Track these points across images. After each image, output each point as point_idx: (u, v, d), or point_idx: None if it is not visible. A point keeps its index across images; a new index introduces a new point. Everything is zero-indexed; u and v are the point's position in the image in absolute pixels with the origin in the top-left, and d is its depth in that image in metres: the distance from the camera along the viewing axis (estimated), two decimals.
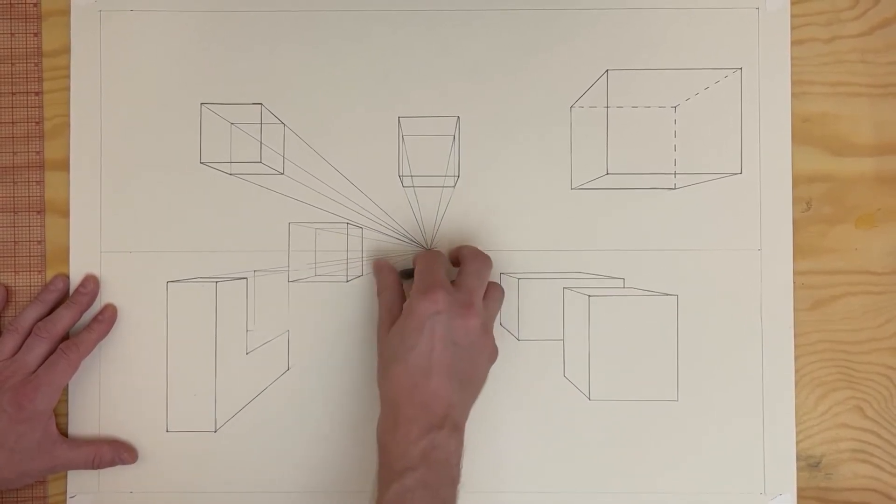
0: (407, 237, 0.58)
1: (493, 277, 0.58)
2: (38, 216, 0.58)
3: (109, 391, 0.57)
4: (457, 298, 0.51)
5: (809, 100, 0.58)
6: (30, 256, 0.58)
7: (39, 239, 0.58)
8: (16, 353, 0.55)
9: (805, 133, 0.58)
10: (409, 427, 0.49)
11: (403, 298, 0.54)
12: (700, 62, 0.58)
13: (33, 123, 0.58)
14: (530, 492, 0.57)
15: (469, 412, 0.52)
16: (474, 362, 0.52)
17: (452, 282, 0.53)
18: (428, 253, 0.55)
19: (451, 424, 0.50)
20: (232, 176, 0.58)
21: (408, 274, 0.56)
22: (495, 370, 0.57)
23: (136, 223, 0.58)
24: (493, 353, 0.53)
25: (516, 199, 0.58)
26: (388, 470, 0.49)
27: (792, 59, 0.58)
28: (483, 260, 0.54)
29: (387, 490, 0.48)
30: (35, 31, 0.58)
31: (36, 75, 0.58)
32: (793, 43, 0.58)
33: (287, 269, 0.58)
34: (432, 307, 0.50)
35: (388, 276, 0.56)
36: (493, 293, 0.55)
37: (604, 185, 0.58)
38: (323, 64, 0.58)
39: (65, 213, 0.58)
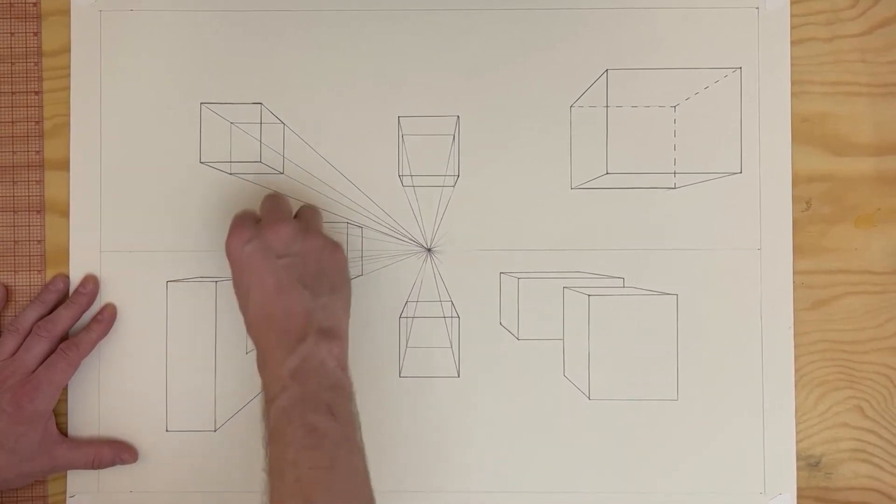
0: (407, 237, 0.58)
1: (493, 276, 0.58)
2: (38, 216, 0.58)
3: (109, 391, 0.57)
4: (262, 223, 0.51)
5: (809, 99, 0.58)
6: (30, 256, 0.58)
7: (39, 239, 0.58)
8: (16, 352, 0.55)
9: (805, 133, 0.58)
10: (274, 354, 0.48)
11: None
12: (700, 62, 0.58)
13: (33, 123, 0.58)
14: (530, 492, 0.57)
15: (343, 313, 0.52)
16: (316, 262, 0.51)
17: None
18: (242, 210, 0.54)
19: (316, 331, 0.49)
20: (232, 176, 0.58)
21: None
22: (495, 370, 0.57)
23: (136, 223, 0.58)
24: (334, 248, 0.52)
25: (516, 199, 0.58)
26: (266, 401, 0.48)
27: (791, 58, 0.58)
28: (271, 196, 0.54)
29: (267, 420, 0.47)
30: (35, 31, 0.58)
31: (36, 75, 0.58)
32: (792, 42, 0.58)
33: None
34: (240, 240, 0.50)
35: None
36: (308, 209, 0.55)
37: (604, 185, 0.58)
38: (323, 64, 0.58)
39: (65, 212, 0.58)
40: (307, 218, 0.54)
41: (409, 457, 0.57)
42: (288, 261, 0.50)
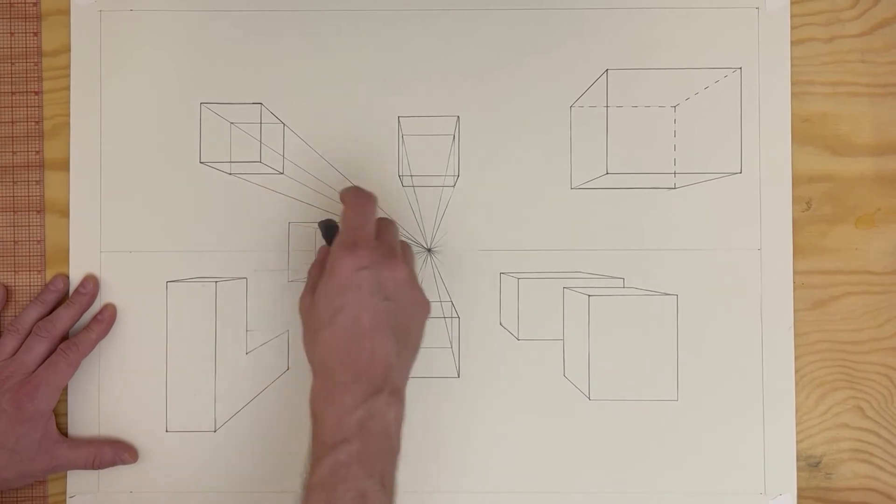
0: (407, 237, 0.58)
1: (493, 276, 0.58)
2: (38, 216, 0.58)
3: (109, 391, 0.57)
4: (380, 251, 0.48)
5: (809, 99, 0.58)
6: (30, 256, 0.58)
7: (39, 239, 0.58)
8: (16, 352, 0.55)
9: (805, 133, 0.58)
10: (344, 395, 0.45)
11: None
12: (700, 62, 0.58)
13: (33, 123, 0.58)
14: (530, 491, 0.57)
15: (409, 375, 0.49)
16: (409, 316, 0.49)
17: None
18: (354, 203, 0.50)
19: (391, 388, 0.47)
20: (232, 176, 0.58)
21: (328, 230, 0.53)
22: (495, 370, 0.57)
23: (136, 223, 0.58)
24: (425, 306, 0.50)
25: (516, 199, 0.58)
26: (321, 444, 0.45)
27: (792, 58, 0.58)
28: (391, 221, 0.52)
29: (318, 465, 0.45)
30: (35, 31, 0.58)
31: (36, 75, 0.58)
32: (793, 43, 0.58)
33: (287, 268, 0.58)
34: (356, 263, 0.46)
35: (322, 253, 0.53)
36: (406, 249, 0.53)
37: (604, 185, 0.58)
38: (323, 64, 0.58)
39: (65, 212, 0.58)
40: (410, 262, 0.51)
41: (409, 457, 0.57)
42: (392, 306, 0.47)
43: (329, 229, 0.53)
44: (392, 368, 0.47)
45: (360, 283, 0.46)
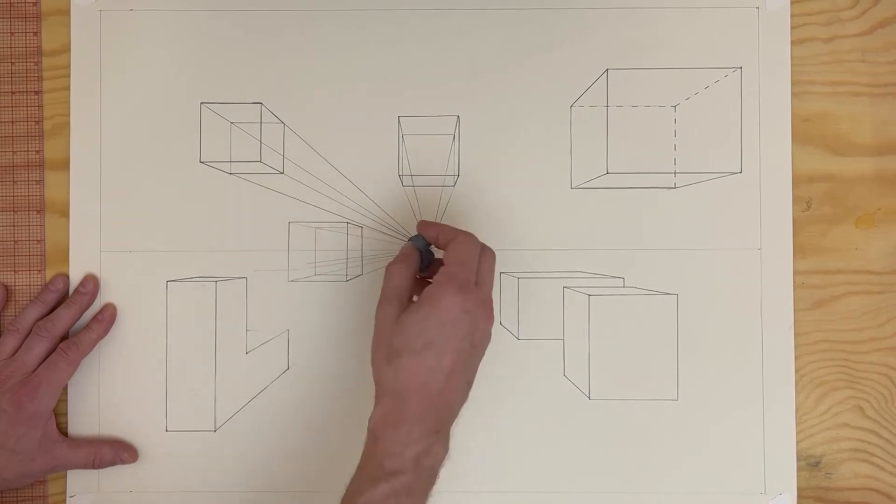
0: (407, 237, 0.58)
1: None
2: (38, 216, 0.58)
3: (109, 391, 0.57)
4: (482, 298, 0.48)
5: (809, 99, 0.58)
6: (30, 256, 0.58)
7: (39, 238, 0.58)
8: (16, 352, 0.55)
9: (805, 133, 0.58)
10: (412, 427, 0.47)
11: (413, 282, 0.51)
12: (700, 61, 0.58)
13: (33, 123, 0.58)
14: (530, 491, 0.57)
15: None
16: (477, 366, 0.50)
17: None
18: (466, 239, 0.50)
19: (446, 431, 0.48)
20: (232, 175, 0.58)
21: (423, 247, 0.53)
22: (495, 370, 0.57)
23: (136, 223, 0.58)
24: (483, 352, 0.51)
25: (516, 199, 0.58)
26: (379, 466, 0.46)
27: (792, 58, 0.58)
28: (492, 256, 0.51)
29: (374, 487, 0.46)
30: (35, 31, 0.58)
31: (36, 75, 0.58)
32: (793, 42, 0.58)
33: (287, 268, 0.58)
34: (464, 305, 0.47)
35: (411, 253, 0.52)
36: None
37: (604, 185, 0.58)
38: (323, 64, 0.58)
39: (65, 212, 0.58)
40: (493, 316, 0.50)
41: None
42: (474, 354, 0.49)
43: (426, 246, 0.53)
44: (454, 411, 0.49)
45: (459, 325, 0.47)
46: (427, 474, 0.47)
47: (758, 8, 0.58)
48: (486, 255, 0.51)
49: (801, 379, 0.58)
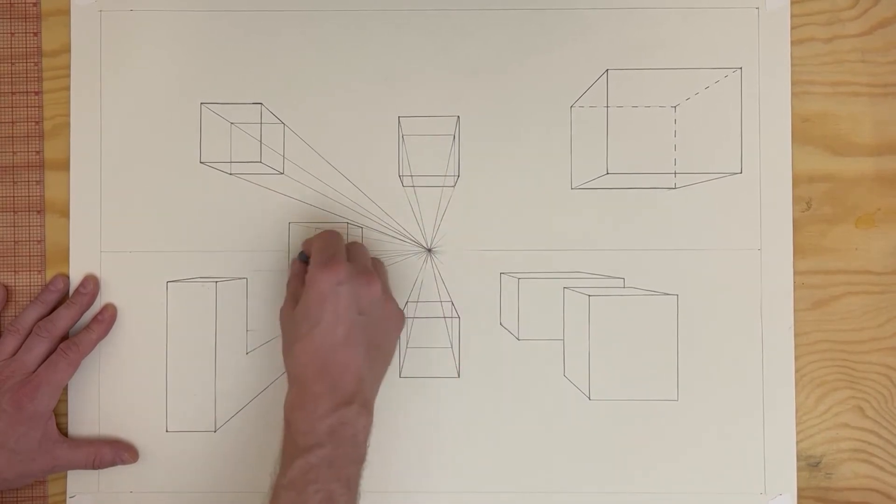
0: (407, 237, 0.58)
1: (493, 276, 0.58)
2: (38, 216, 0.58)
3: (109, 391, 0.57)
4: (356, 268, 0.50)
5: (809, 99, 0.58)
6: (30, 256, 0.58)
7: (39, 239, 0.58)
8: (16, 353, 0.55)
9: (805, 133, 0.58)
10: (317, 403, 0.48)
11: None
12: (700, 62, 0.58)
13: (33, 123, 0.58)
14: (530, 491, 0.57)
15: (379, 388, 0.52)
16: (383, 330, 0.52)
17: None
18: (324, 232, 0.53)
19: (361, 400, 0.49)
20: (232, 176, 0.58)
21: (307, 259, 0.55)
22: (495, 370, 0.57)
23: (136, 223, 0.58)
24: (400, 319, 0.53)
25: (516, 199, 0.58)
26: (293, 446, 0.48)
27: (792, 58, 0.58)
28: (360, 244, 0.55)
29: (290, 466, 0.47)
30: (35, 31, 0.58)
31: (36, 75, 0.58)
32: (793, 43, 0.58)
33: (287, 268, 0.58)
34: (334, 278, 0.49)
35: (296, 266, 0.55)
36: (379, 266, 0.55)
37: (604, 185, 0.58)
38: (323, 64, 0.58)
39: (65, 213, 0.58)
40: (383, 277, 0.54)
41: (409, 457, 0.57)
42: (366, 320, 0.50)
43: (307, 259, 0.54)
44: (363, 381, 0.50)
45: (336, 298, 0.49)
46: (349, 444, 0.48)
47: (758, 8, 0.58)
48: (353, 242, 0.54)
49: (801, 379, 0.58)
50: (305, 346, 0.49)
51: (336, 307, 0.49)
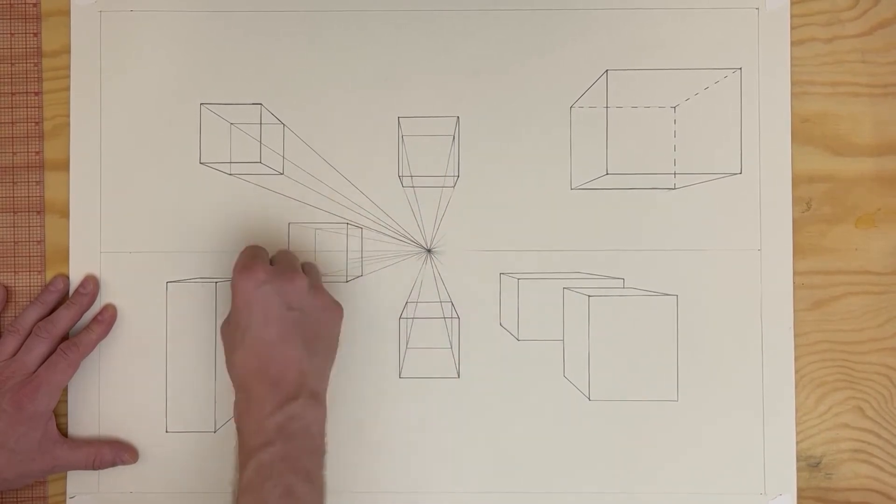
0: (407, 237, 0.58)
1: (493, 277, 0.58)
2: (38, 216, 0.58)
3: (109, 391, 0.57)
4: (276, 267, 0.51)
5: (809, 100, 0.58)
6: (30, 256, 0.58)
7: (39, 239, 0.58)
8: (16, 353, 0.55)
9: (805, 133, 0.58)
10: (262, 405, 0.48)
11: None
12: (700, 62, 0.58)
13: (33, 123, 0.58)
14: (530, 492, 0.57)
15: (328, 378, 0.52)
16: (318, 322, 0.51)
17: None
18: (247, 246, 0.54)
19: (307, 393, 0.49)
20: (232, 176, 0.58)
21: None
22: (495, 370, 0.57)
23: (136, 223, 0.58)
24: (336, 310, 0.53)
25: (516, 199, 0.58)
26: (246, 449, 0.48)
27: (792, 58, 0.58)
28: (286, 250, 0.56)
29: (244, 469, 0.47)
30: (35, 31, 0.58)
31: (36, 75, 0.58)
32: (793, 43, 0.58)
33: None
34: (254, 280, 0.49)
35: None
36: (309, 265, 0.55)
37: (604, 185, 0.58)
38: (323, 64, 0.58)
39: (65, 213, 0.58)
40: (313, 274, 0.54)
41: (409, 457, 0.57)
42: (296, 315, 0.50)
43: None
44: (306, 374, 0.50)
45: (261, 298, 0.49)
46: (301, 437, 0.48)
47: (757, 8, 0.58)
48: (279, 250, 0.55)
49: (801, 379, 0.58)
50: (242, 352, 0.50)
51: (263, 307, 0.49)
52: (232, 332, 0.51)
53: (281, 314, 0.50)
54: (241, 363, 0.50)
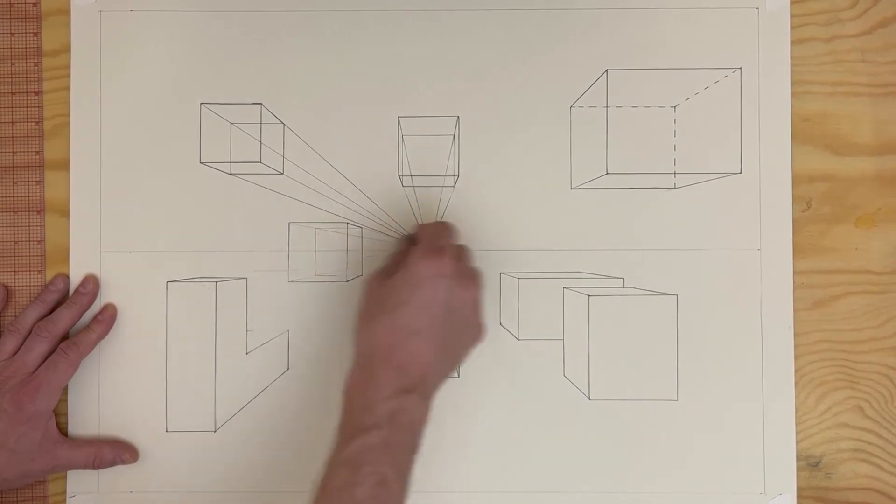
0: (407, 237, 0.58)
1: (493, 276, 0.58)
2: (38, 216, 0.58)
3: (109, 391, 0.57)
4: (463, 267, 0.50)
5: (809, 99, 0.58)
6: (30, 256, 0.58)
7: (39, 239, 0.58)
8: (16, 353, 0.55)
9: (805, 133, 0.58)
10: (380, 384, 0.47)
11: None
12: (700, 62, 0.58)
13: (33, 123, 0.58)
14: (530, 491, 0.57)
15: (441, 386, 0.51)
16: (461, 335, 0.51)
17: None
18: (437, 222, 0.54)
19: (423, 391, 0.48)
20: (232, 176, 0.58)
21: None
22: (495, 370, 0.57)
23: (136, 223, 0.58)
24: (479, 332, 0.52)
25: (516, 199, 0.58)
26: (353, 424, 0.47)
27: (792, 58, 0.58)
28: (467, 247, 0.54)
29: (348, 443, 0.46)
30: (35, 31, 0.58)
31: (36, 75, 0.58)
32: (793, 43, 0.58)
33: (287, 268, 0.58)
34: (437, 269, 0.49)
35: (403, 244, 0.55)
36: (479, 275, 0.53)
37: (604, 185, 0.58)
38: (323, 64, 0.58)
39: (65, 213, 0.58)
40: (481, 286, 0.52)
41: None
42: (451, 320, 0.49)
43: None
44: (429, 374, 0.49)
45: (433, 289, 0.49)
46: (406, 431, 0.47)
47: (757, 8, 0.58)
48: (462, 245, 0.54)
49: (801, 379, 0.58)
50: (385, 323, 0.48)
51: (429, 296, 0.48)
52: (384, 295, 0.49)
53: (440, 311, 0.49)
54: (377, 336, 0.49)
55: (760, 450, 0.57)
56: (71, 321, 0.56)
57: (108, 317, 0.57)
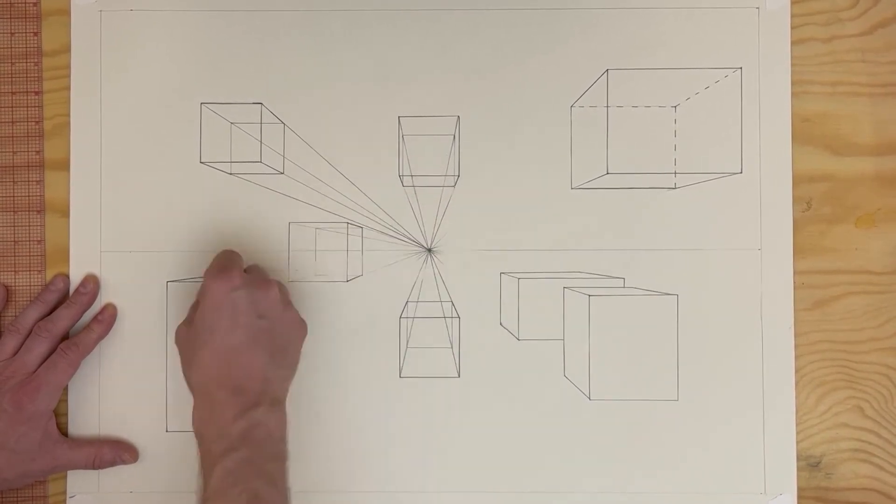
0: (407, 237, 0.58)
1: (493, 276, 0.58)
2: (38, 216, 0.58)
3: (109, 391, 0.57)
4: (254, 276, 0.52)
5: (809, 99, 0.58)
6: (30, 256, 0.58)
7: (39, 239, 0.58)
8: (16, 353, 0.55)
9: (805, 133, 0.58)
10: (224, 411, 0.48)
11: None
12: (700, 62, 0.58)
13: (33, 123, 0.58)
14: (530, 492, 0.57)
15: (288, 388, 0.52)
16: (285, 335, 0.52)
17: None
18: (224, 250, 0.54)
19: (269, 400, 0.49)
20: (232, 176, 0.58)
21: None
22: (495, 370, 0.57)
23: (136, 223, 0.58)
24: (301, 326, 0.53)
25: (516, 199, 0.58)
26: (209, 456, 0.48)
27: (792, 58, 0.58)
28: (257, 264, 0.55)
29: (210, 476, 0.47)
30: (35, 31, 0.58)
31: (36, 75, 0.58)
32: (793, 43, 0.58)
33: (287, 269, 0.58)
34: (229, 283, 0.50)
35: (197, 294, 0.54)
36: (280, 284, 0.54)
37: (604, 185, 0.58)
38: (323, 64, 0.58)
39: (65, 212, 0.58)
40: (283, 291, 0.54)
41: (410, 457, 0.57)
42: (266, 324, 0.50)
43: None
44: (269, 382, 0.50)
45: (233, 303, 0.49)
46: (265, 443, 0.48)
47: (758, 8, 0.58)
48: (251, 265, 0.55)
49: (801, 379, 0.58)
50: (206, 355, 0.49)
51: (233, 312, 0.49)
52: (194, 335, 0.50)
53: (251, 321, 0.50)
54: (205, 368, 0.49)
55: (760, 450, 0.57)
56: (71, 321, 0.56)
57: (108, 317, 0.57)
